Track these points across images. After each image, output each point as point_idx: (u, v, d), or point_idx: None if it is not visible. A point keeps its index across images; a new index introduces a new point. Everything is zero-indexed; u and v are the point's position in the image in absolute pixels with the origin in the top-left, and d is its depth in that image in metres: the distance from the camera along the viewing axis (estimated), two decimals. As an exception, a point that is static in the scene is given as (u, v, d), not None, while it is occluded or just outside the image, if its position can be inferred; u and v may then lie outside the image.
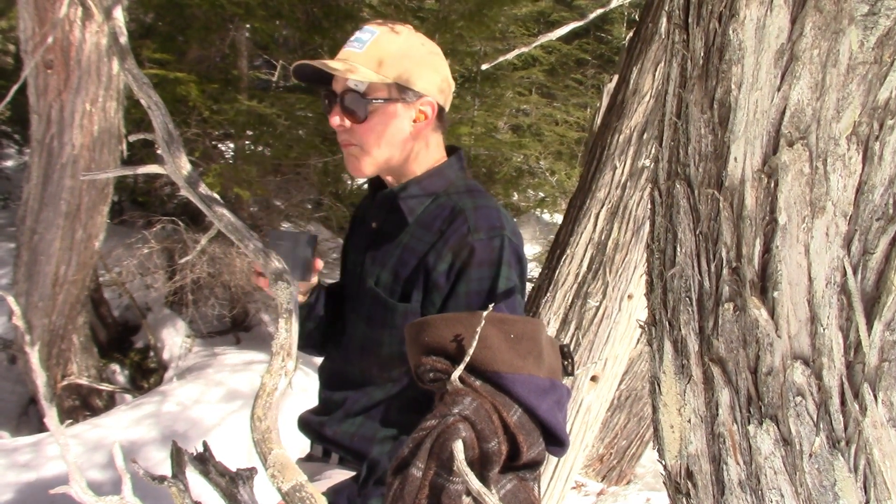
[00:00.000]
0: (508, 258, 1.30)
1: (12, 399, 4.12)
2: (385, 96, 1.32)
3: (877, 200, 0.54)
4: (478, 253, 1.28)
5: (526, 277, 1.39)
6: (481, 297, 1.28)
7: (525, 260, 1.37)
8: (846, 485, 0.61)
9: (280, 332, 0.95)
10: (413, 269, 1.35)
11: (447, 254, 1.30)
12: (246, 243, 1.06)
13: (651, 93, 2.26)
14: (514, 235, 1.34)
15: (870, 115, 0.52)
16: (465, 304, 1.28)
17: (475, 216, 1.31)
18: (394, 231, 1.42)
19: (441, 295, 1.31)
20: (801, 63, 0.53)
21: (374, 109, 1.32)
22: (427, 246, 1.34)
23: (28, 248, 3.38)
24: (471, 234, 1.29)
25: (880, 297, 0.55)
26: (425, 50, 1.36)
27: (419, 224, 1.38)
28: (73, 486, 0.85)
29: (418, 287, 1.34)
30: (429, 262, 1.32)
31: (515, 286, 1.31)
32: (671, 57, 0.66)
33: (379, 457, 1.37)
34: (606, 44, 9.63)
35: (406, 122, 1.35)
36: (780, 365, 0.61)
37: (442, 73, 1.39)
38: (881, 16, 0.49)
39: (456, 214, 1.33)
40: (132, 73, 1.12)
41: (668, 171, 0.68)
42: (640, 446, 3.78)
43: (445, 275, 1.30)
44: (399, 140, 1.36)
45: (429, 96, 1.35)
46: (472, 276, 1.28)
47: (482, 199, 1.37)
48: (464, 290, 1.29)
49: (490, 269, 1.28)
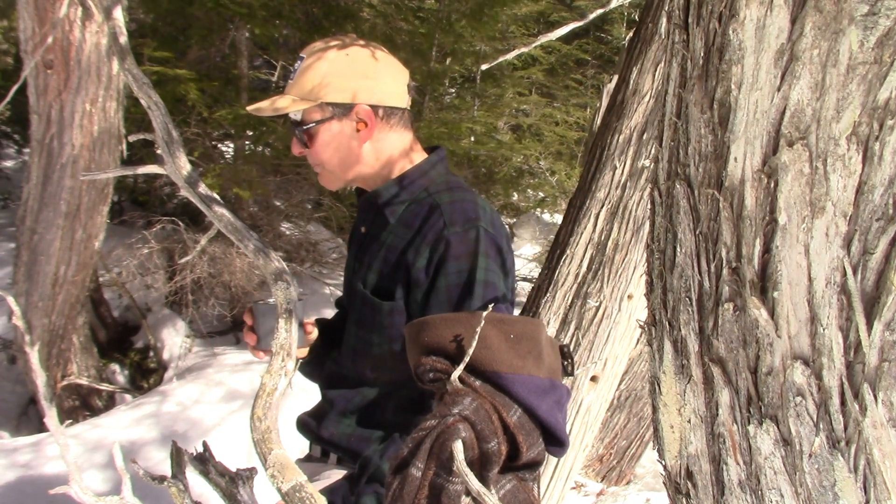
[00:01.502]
0: (486, 249, 1.30)
1: (12, 399, 4.12)
2: (318, 118, 1.36)
3: (877, 200, 0.54)
4: (454, 246, 1.29)
5: (511, 268, 1.38)
6: (461, 290, 1.28)
7: (507, 250, 1.37)
8: (846, 485, 0.61)
9: (280, 333, 0.95)
10: (394, 267, 1.36)
11: (425, 249, 1.31)
12: (246, 243, 1.06)
13: (651, 93, 2.26)
14: (492, 226, 1.34)
15: (870, 116, 0.52)
16: (445, 298, 1.29)
17: (450, 210, 1.32)
18: (377, 232, 1.44)
19: (422, 291, 1.32)
20: (801, 63, 0.53)
21: (315, 133, 1.38)
22: (406, 243, 1.35)
23: (28, 248, 3.38)
24: (446, 227, 1.30)
25: (880, 298, 0.55)
26: (350, 60, 1.37)
27: (400, 223, 1.39)
28: (72, 486, 0.85)
29: (401, 285, 1.35)
30: (409, 260, 1.33)
31: (497, 278, 1.31)
32: (671, 57, 0.66)
33: (371, 455, 1.38)
34: (606, 44, 9.63)
35: (349, 135, 1.38)
36: (780, 365, 0.61)
37: (377, 77, 1.39)
38: (881, 16, 0.49)
39: (432, 210, 1.34)
40: (132, 73, 1.11)
41: (668, 172, 0.68)
42: (640, 446, 3.78)
43: (424, 270, 1.31)
44: (351, 152, 1.40)
45: (361, 104, 1.37)
46: (450, 269, 1.29)
47: (460, 193, 1.37)
48: (443, 283, 1.29)
49: (467, 261, 1.29)
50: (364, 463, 1.38)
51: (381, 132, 1.40)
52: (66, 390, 3.87)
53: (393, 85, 1.41)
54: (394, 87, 1.41)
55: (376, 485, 1.36)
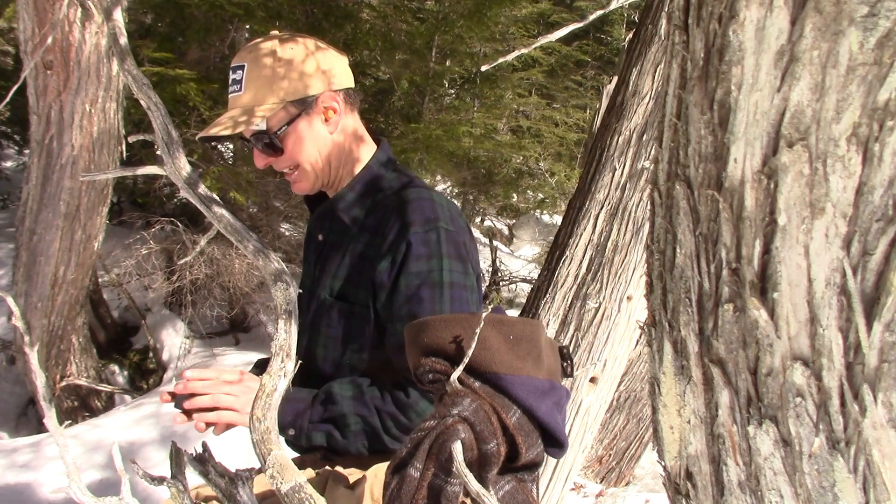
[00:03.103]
0: (447, 250, 1.30)
1: (11, 400, 4.11)
2: (287, 119, 1.32)
3: (876, 202, 0.54)
4: (414, 247, 1.28)
5: (475, 264, 1.37)
6: (422, 290, 1.28)
7: (469, 246, 1.36)
8: (846, 485, 0.61)
9: (279, 334, 0.95)
10: (359, 272, 1.35)
11: (386, 252, 1.31)
12: (245, 244, 1.06)
13: (651, 94, 2.26)
14: (452, 223, 1.33)
15: (869, 117, 0.52)
16: (405, 299, 1.28)
17: (409, 210, 1.31)
18: (338, 239, 1.42)
19: (386, 293, 1.31)
20: (800, 64, 0.53)
21: (286, 135, 1.33)
22: (369, 248, 1.35)
23: (27, 249, 3.38)
24: (405, 228, 1.29)
25: (880, 298, 0.55)
26: (294, 54, 1.33)
27: (361, 228, 1.38)
28: (72, 486, 0.85)
29: (367, 289, 1.34)
30: (372, 263, 1.33)
31: (461, 277, 1.30)
32: (671, 58, 0.66)
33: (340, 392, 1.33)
34: (606, 45, 9.64)
35: (320, 127, 1.36)
36: (779, 366, 0.61)
37: (323, 61, 1.36)
38: (881, 17, 0.49)
39: (391, 212, 1.33)
40: (132, 74, 1.11)
41: (667, 173, 0.68)
42: (640, 448, 3.78)
43: (388, 272, 1.30)
44: (325, 144, 1.37)
45: (324, 91, 1.34)
46: (410, 269, 1.28)
47: (415, 191, 1.36)
48: (404, 283, 1.29)
49: (428, 262, 1.28)
50: (329, 398, 1.33)
51: (346, 115, 1.39)
52: (66, 391, 3.87)
53: (341, 66, 1.39)
54: (343, 67, 1.39)
55: (331, 426, 1.32)
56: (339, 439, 1.32)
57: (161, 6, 4.58)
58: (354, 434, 1.32)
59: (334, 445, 1.33)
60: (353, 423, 1.31)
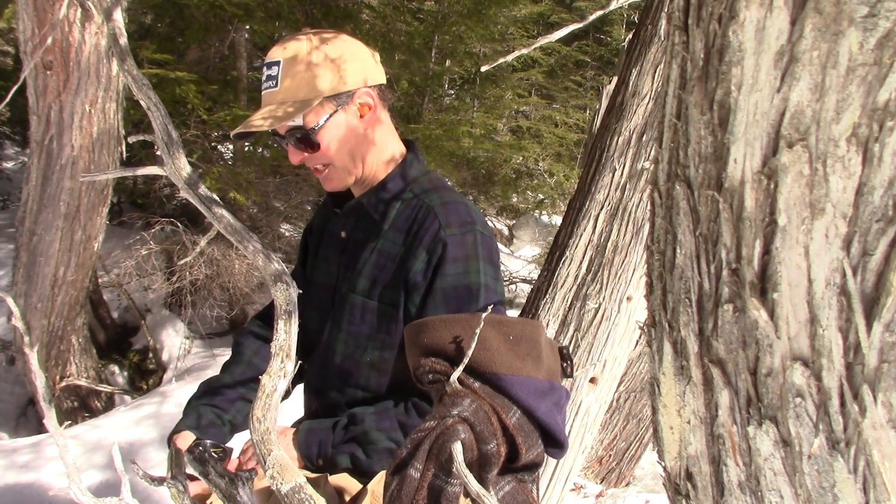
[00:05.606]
0: (483, 253, 1.30)
1: (11, 400, 4.11)
2: (325, 115, 1.31)
3: (876, 202, 0.54)
4: (451, 248, 1.28)
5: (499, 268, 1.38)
6: (458, 292, 1.28)
7: (497, 253, 1.37)
8: (846, 486, 0.61)
9: (279, 334, 0.95)
10: (391, 272, 1.34)
11: (422, 252, 1.30)
12: (245, 244, 1.06)
13: (650, 94, 2.26)
14: (485, 228, 1.34)
15: (869, 117, 0.52)
16: (442, 300, 1.28)
17: (445, 212, 1.31)
18: (365, 237, 1.41)
19: (420, 293, 1.31)
20: (800, 65, 0.53)
21: (322, 131, 1.32)
22: (402, 248, 1.34)
23: (27, 250, 3.38)
24: (442, 229, 1.29)
25: (880, 299, 0.55)
26: (329, 49, 1.32)
27: (392, 227, 1.37)
28: (72, 487, 0.85)
29: (398, 289, 1.33)
30: (406, 264, 1.32)
31: (494, 281, 1.30)
32: (671, 58, 0.66)
33: (362, 415, 1.34)
34: (606, 46, 9.64)
35: (355, 122, 1.35)
36: (779, 366, 0.61)
37: (358, 57, 1.35)
38: (881, 17, 0.49)
39: (426, 213, 1.33)
40: (132, 75, 1.11)
41: (667, 173, 0.68)
42: (640, 448, 3.77)
43: (423, 273, 1.30)
44: (359, 140, 1.36)
45: (361, 87, 1.33)
46: (447, 271, 1.28)
47: (448, 194, 1.37)
48: (440, 285, 1.28)
49: (465, 263, 1.28)
50: (352, 420, 1.34)
51: (380, 111, 1.39)
52: (65, 391, 3.87)
53: (374, 62, 1.39)
54: (375, 63, 1.39)
55: (355, 445, 1.32)
56: (363, 459, 1.31)
57: (161, 6, 4.58)
58: (378, 452, 1.30)
59: (359, 466, 1.32)
60: (377, 440, 1.30)
